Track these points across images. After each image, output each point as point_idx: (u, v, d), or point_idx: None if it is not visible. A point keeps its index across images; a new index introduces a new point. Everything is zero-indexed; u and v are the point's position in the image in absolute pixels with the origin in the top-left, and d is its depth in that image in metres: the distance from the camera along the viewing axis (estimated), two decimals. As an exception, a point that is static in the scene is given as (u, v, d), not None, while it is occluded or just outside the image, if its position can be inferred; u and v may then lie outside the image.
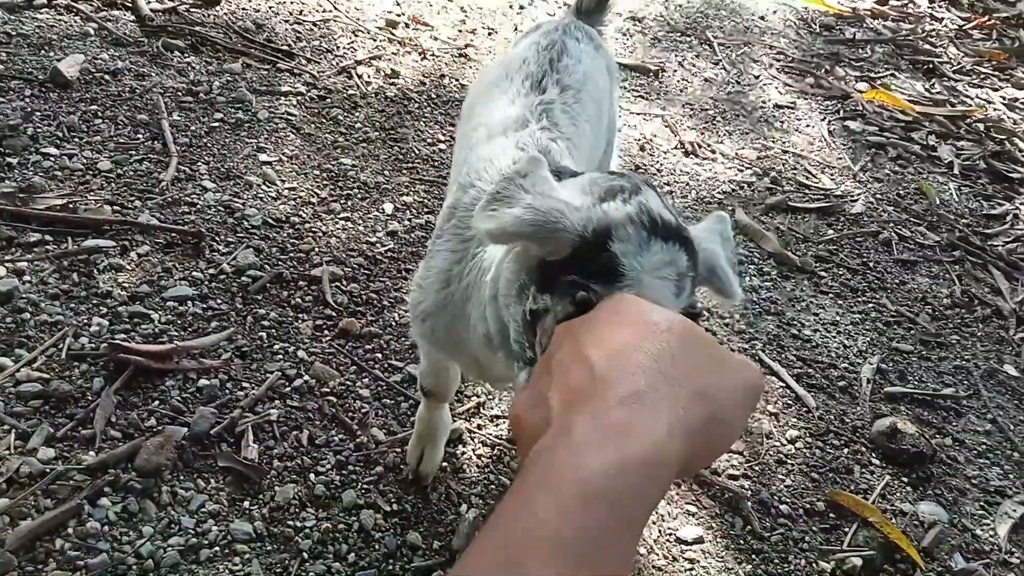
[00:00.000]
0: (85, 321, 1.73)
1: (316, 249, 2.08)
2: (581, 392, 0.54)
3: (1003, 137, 3.43)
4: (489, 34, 3.34)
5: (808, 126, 3.27)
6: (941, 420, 2.07)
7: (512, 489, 0.52)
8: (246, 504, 1.50)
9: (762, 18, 4.12)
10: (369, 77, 2.84)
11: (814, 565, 1.66)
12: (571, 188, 0.88)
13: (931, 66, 3.96)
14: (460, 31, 3.29)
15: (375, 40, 3.06)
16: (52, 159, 2.10)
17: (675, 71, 3.44)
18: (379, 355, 1.86)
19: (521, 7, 3.62)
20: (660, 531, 1.65)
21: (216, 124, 2.41)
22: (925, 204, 2.94)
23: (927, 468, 1.91)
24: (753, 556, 1.65)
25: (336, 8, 3.18)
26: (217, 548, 1.42)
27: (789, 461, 1.87)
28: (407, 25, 3.22)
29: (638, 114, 3.06)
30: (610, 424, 0.51)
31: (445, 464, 1.66)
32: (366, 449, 1.64)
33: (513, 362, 0.94)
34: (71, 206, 1.97)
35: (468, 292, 1.17)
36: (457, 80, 2.97)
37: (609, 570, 0.47)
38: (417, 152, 2.55)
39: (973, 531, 1.80)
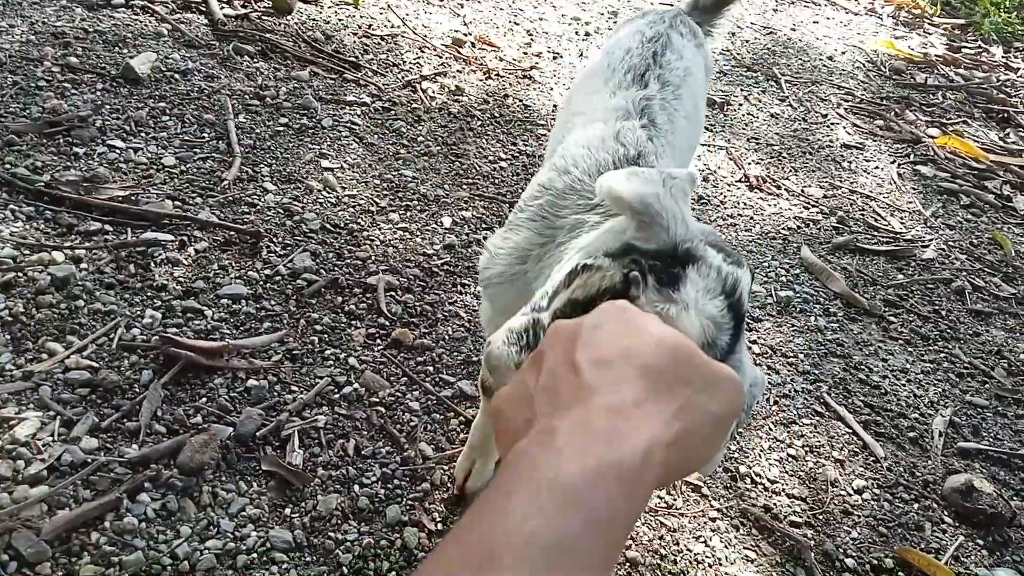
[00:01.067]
0: (138, 313, 1.70)
1: (373, 257, 2.04)
2: (567, 398, 0.55)
3: (1083, 192, 3.28)
4: (554, 58, 3.32)
5: (877, 168, 3.17)
6: (1019, 481, 1.93)
7: (492, 485, 0.51)
8: (287, 511, 1.44)
9: (830, 58, 4.04)
10: (433, 92, 2.83)
11: (882, 626, 1.54)
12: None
13: (1005, 115, 3.84)
14: (525, 53, 3.28)
15: (441, 57, 3.06)
16: (118, 151, 2.10)
17: (740, 105, 3.38)
18: (431, 368, 1.80)
19: (587, 34, 3.60)
20: (716, 574, 1.55)
21: (281, 128, 2.41)
22: (1000, 255, 2.81)
23: (1004, 532, 1.78)
24: (816, 611, 1.54)
25: (404, 24, 3.19)
26: (255, 555, 1.36)
27: (855, 512, 1.76)
28: (473, 44, 3.21)
29: (702, 145, 2.99)
30: (591, 432, 0.52)
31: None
32: (413, 464, 1.58)
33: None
34: (133, 198, 1.97)
35: (541, 273, 1.14)
36: (521, 100, 2.94)
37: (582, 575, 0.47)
38: (478, 169, 2.52)
39: (1056, 604, 1.66)
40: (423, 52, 3.05)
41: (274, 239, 2.00)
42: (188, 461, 1.44)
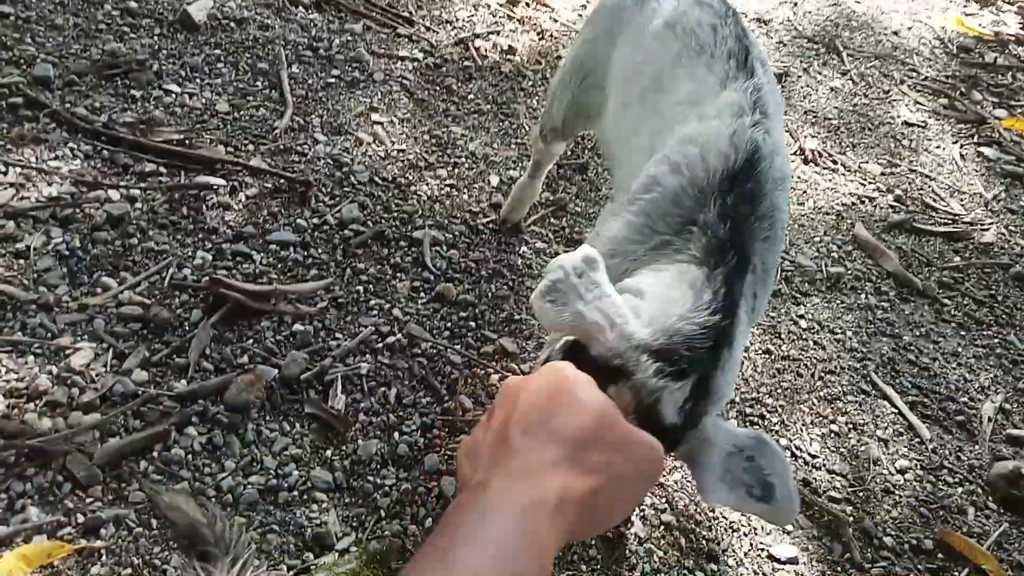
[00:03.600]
0: (190, 253, 1.73)
1: (419, 212, 2.04)
2: (498, 458, 0.64)
3: None
4: (609, 21, 3.25)
5: (939, 147, 3.07)
6: (1070, 472, 1.88)
7: (431, 539, 0.59)
8: (328, 453, 1.47)
9: (895, 33, 3.90)
10: (485, 51, 2.80)
11: (918, 606, 1.52)
12: (653, 316, 0.95)
13: (1078, 100, 3.67)
14: (580, 15, 3.22)
15: (495, 16, 3.02)
16: (173, 96, 2.13)
17: (799, 76, 3.29)
18: (472, 324, 1.80)
19: (644, -2, 3.52)
20: (752, 544, 1.54)
21: (332, 80, 2.41)
22: (1063, 242, 2.71)
23: (1052, 521, 1.74)
24: (851, 586, 1.52)
25: (459, -19, 3.15)
26: (296, 493, 1.39)
27: (897, 492, 1.73)
28: (528, 4, 3.17)
29: (757, 116, 2.92)
30: (515, 482, 0.61)
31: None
32: (452, 415, 1.59)
33: None
34: (187, 142, 1.99)
35: (624, 274, 1.14)
36: (573, 63, 2.89)
37: None
38: (526, 129, 2.49)
39: (1102, 597, 1.62)
40: (476, 10, 3.01)
41: (323, 189, 2.01)
42: (234, 399, 1.47)
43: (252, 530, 1.31)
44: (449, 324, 1.79)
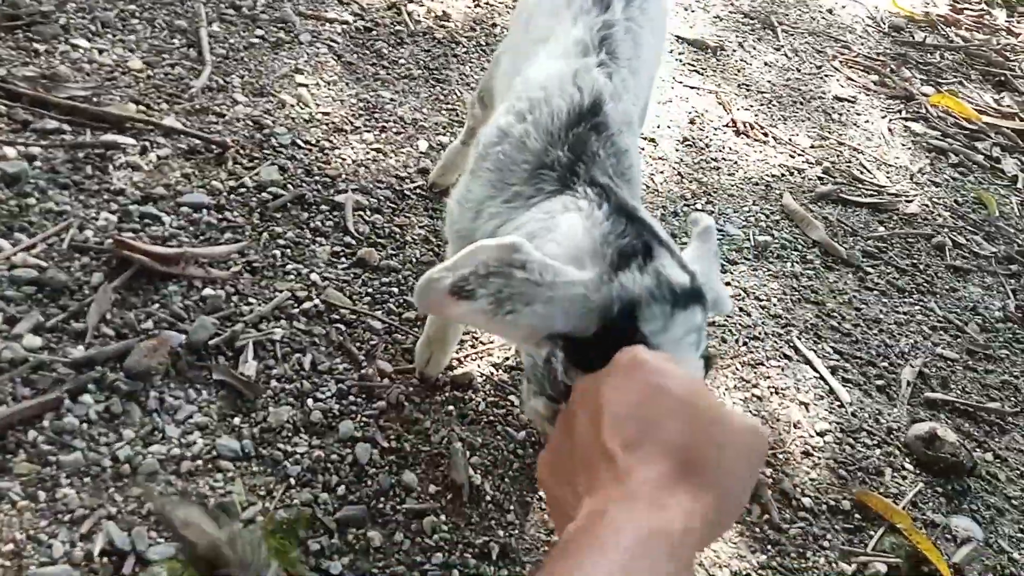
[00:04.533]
0: (93, 215, 1.64)
1: (343, 176, 1.98)
2: (607, 481, 0.60)
3: (1072, 158, 3.24)
4: (546, -10, 3.20)
5: (867, 122, 3.11)
6: (983, 434, 1.93)
7: (556, 560, 0.57)
8: (236, 421, 1.41)
9: (830, 11, 3.94)
10: (419, 16, 2.73)
11: (834, 565, 1.54)
12: (575, 248, 0.90)
13: (1003, 79, 3.77)
14: (517, -17, 3.16)
15: (428, -20, 2.94)
16: (81, 51, 2.01)
17: (734, 51, 3.29)
18: (395, 289, 1.75)
19: (582, -32, 3.48)
20: (672, 508, 1.54)
21: (256, 40, 2.31)
22: (984, 214, 2.78)
23: (964, 481, 1.78)
24: (768, 547, 1.53)
25: (392, -56, 3.06)
26: (200, 462, 1.33)
27: (816, 454, 1.75)
28: (463, -30, 3.09)
29: (691, 88, 2.92)
30: (636, 508, 0.57)
31: (452, 408, 1.56)
32: (370, 382, 1.54)
33: (527, 381, 0.94)
34: (95, 99, 1.88)
35: (491, 233, 1.11)
36: (508, 30, 2.84)
37: None
38: (458, 95, 2.44)
39: (1010, 554, 1.67)
40: (410, -26, 2.93)
41: (241, 151, 1.93)
42: (135, 365, 1.39)
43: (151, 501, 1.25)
44: (370, 290, 1.73)
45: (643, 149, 2.51)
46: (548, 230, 0.97)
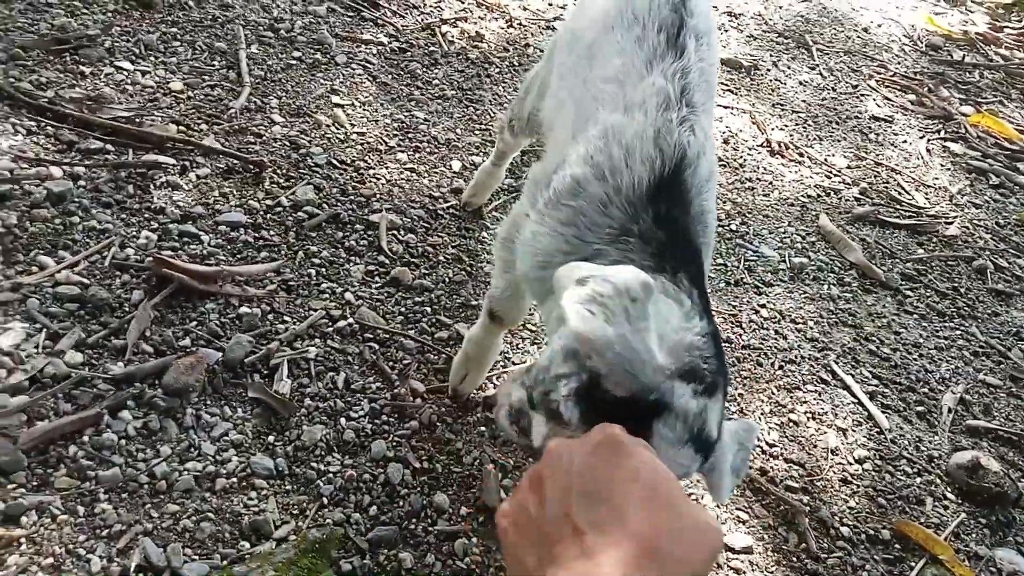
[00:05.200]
0: (134, 233, 1.67)
1: (377, 195, 1.99)
2: (573, 554, 0.64)
3: (1118, 179, 3.16)
4: (579, 10, 3.22)
5: (905, 142, 3.07)
6: (1028, 463, 1.88)
7: None
8: (271, 439, 1.42)
9: (866, 30, 3.91)
10: (453, 37, 2.76)
11: (873, 596, 1.50)
12: (667, 331, 0.90)
13: (1044, 98, 3.70)
14: (550, 3, 3.19)
15: (463, 2, 2.97)
16: (125, 73, 2.06)
17: (768, 70, 3.28)
18: (428, 309, 1.76)
19: (615, -11, 3.50)
20: (706, 534, 1.51)
21: (293, 62, 2.35)
22: (1026, 237, 2.72)
23: (1009, 512, 1.73)
24: (805, 576, 1.50)
25: (427, -34, 3.10)
26: (235, 479, 1.34)
27: (855, 482, 1.71)
28: (497, -9, 3.12)
29: (725, 107, 2.91)
30: None
31: (484, 429, 1.55)
32: (402, 401, 1.54)
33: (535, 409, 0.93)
34: (137, 120, 1.93)
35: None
36: (542, 51, 2.86)
37: None
38: (491, 115, 2.45)
39: (1056, 587, 1.61)
40: (445, -4, 2.97)
41: (278, 170, 1.96)
42: (173, 382, 1.41)
43: (186, 518, 1.26)
44: (403, 309, 1.74)
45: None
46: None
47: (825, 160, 2.80)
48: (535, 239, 1.17)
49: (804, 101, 3.13)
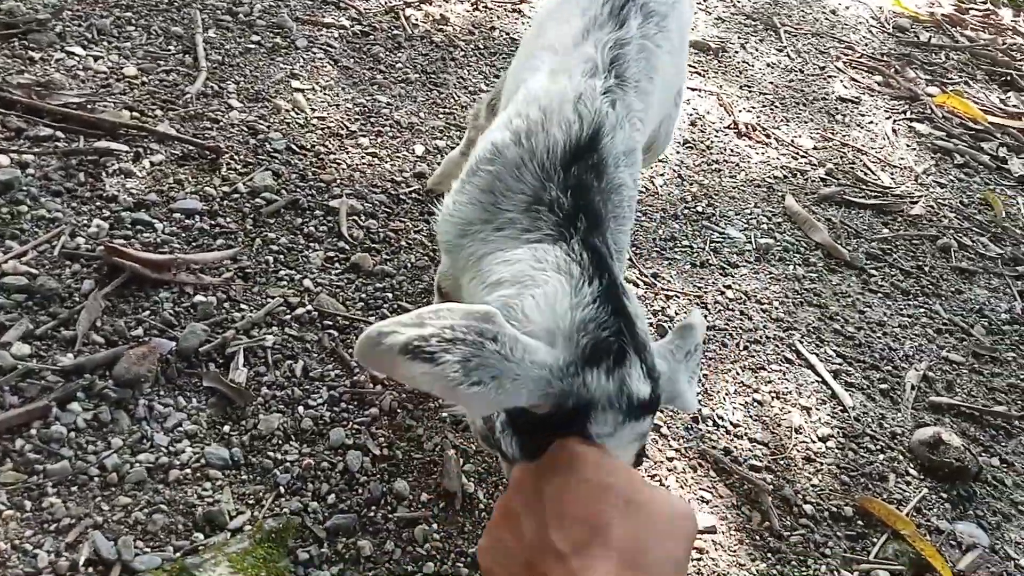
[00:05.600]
0: (85, 222, 1.63)
1: (338, 180, 1.96)
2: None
3: (1080, 158, 3.20)
4: (546, -7, 3.19)
5: (871, 123, 3.08)
6: (989, 438, 1.89)
7: None
8: (226, 429, 1.39)
9: (834, 12, 3.92)
10: (417, 20, 2.72)
11: (836, 573, 1.51)
12: (552, 321, 0.87)
13: (1008, 79, 3.73)
14: (516, -14, 3.15)
15: (427, -15, 2.93)
16: (77, 59, 2.01)
17: (736, 52, 3.27)
18: (389, 295, 1.74)
19: (582, -29, 3.47)
20: (670, 515, 1.51)
21: (252, 46, 2.30)
22: (990, 215, 2.74)
23: (970, 486, 1.75)
24: (769, 555, 1.51)
25: (391, -51, 3.05)
26: (188, 470, 1.31)
27: (818, 460, 1.72)
28: (462, -26, 3.08)
29: (693, 90, 2.90)
30: None
31: (445, 415, 1.54)
32: (362, 388, 1.52)
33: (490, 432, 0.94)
34: (88, 106, 1.88)
35: (473, 258, 1.09)
36: (508, 34, 2.83)
37: None
38: (456, 99, 2.42)
39: (1016, 560, 1.63)
40: (409, -21, 2.92)
41: (235, 156, 1.92)
42: (124, 373, 1.38)
43: (137, 510, 1.23)
44: (364, 295, 1.72)
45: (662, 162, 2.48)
46: (535, 283, 0.94)
47: (792, 141, 2.80)
48: (456, 208, 1.16)
49: (771, 83, 3.13)
